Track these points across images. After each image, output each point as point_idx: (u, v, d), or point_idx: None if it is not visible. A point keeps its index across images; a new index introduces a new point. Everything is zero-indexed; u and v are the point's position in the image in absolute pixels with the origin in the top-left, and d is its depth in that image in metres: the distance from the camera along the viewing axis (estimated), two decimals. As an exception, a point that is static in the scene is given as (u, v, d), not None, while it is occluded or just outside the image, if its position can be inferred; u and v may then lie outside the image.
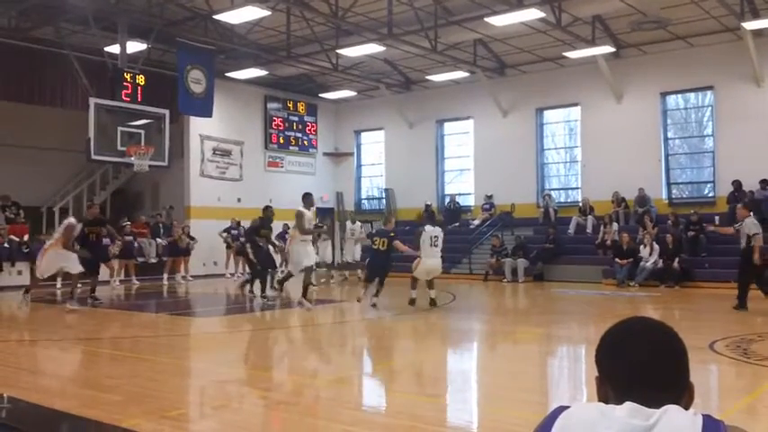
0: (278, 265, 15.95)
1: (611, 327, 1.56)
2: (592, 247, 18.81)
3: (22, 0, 15.92)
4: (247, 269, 18.93)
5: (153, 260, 19.57)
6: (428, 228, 12.83)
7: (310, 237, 12.63)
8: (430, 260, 12.52)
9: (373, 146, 26.26)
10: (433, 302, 12.56)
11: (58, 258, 12.59)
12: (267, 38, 19.41)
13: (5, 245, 17.49)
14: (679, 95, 20.03)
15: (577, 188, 21.63)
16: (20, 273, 17.51)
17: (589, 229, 19.69)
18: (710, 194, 19.35)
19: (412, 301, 12.63)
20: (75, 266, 12.66)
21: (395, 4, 16.42)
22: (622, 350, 1.50)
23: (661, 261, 16.61)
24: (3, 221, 18.20)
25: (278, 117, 24.25)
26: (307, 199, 12.64)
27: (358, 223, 19.75)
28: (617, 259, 17.22)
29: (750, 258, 11.59)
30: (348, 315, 13.11)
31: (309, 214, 12.51)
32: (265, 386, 6.77)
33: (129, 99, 17.76)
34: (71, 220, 13.20)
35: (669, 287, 16.05)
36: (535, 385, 6.95)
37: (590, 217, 19.84)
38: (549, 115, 22.30)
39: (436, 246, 12.57)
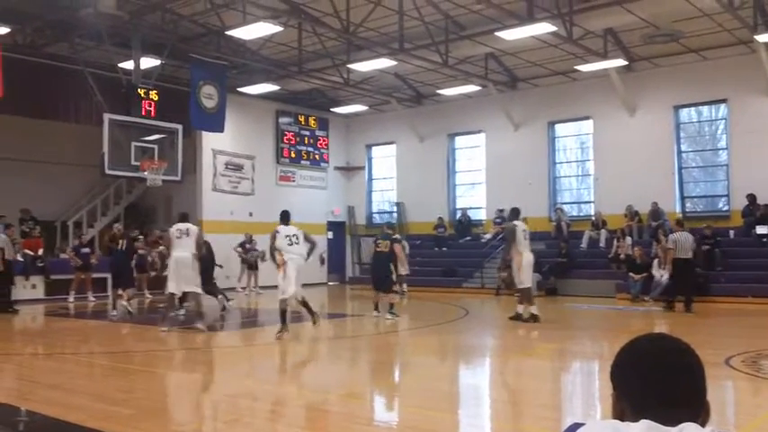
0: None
1: (626, 343, 1.54)
2: (605, 261, 18.70)
3: (38, 17, 16.10)
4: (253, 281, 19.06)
5: (166, 273, 19.59)
6: (519, 223, 12.83)
7: (295, 256, 11.38)
8: (528, 253, 12.57)
9: (384, 160, 26.30)
10: (535, 317, 12.37)
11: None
12: (279, 53, 19.53)
13: (20, 259, 17.58)
14: (692, 108, 19.94)
15: (590, 202, 21.53)
16: (34, 286, 17.62)
17: (602, 244, 19.58)
18: (725, 208, 19.21)
19: (519, 317, 12.47)
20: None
21: (406, 19, 16.49)
22: (639, 367, 1.48)
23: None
24: (18, 235, 18.32)
25: (289, 131, 24.35)
26: (283, 216, 11.83)
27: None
28: (631, 273, 17.09)
29: None
30: (361, 329, 13.08)
31: (284, 232, 11.44)
32: (277, 401, 6.75)
33: (142, 114, 17.92)
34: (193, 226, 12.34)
35: (681, 302, 15.80)
36: (549, 401, 6.89)
37: (603, 231, 19.73)
38: (560, 129, 22.26)
39: (527, 240, 12.69)
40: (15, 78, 15.45)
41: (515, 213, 13.22)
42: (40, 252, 18.12)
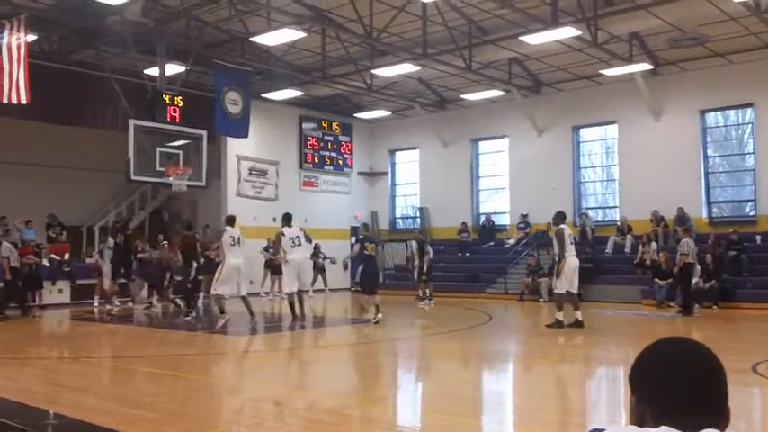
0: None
1: (646, 347, 1.51)
2: (630, 267, 18.51)
3: (65, 24, 16.35)
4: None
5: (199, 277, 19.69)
6: (565, 226, 12.58)
7: (298, 257, 13.04)
8: (573, 258, 12.32)
9: (408, 165, 26.30)
10: (579, 323, 12.12)
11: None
12: (302, 59, 19.63)
13: (46, 263, 17.83)
14: (718, 113, 19.69)
15: (615, 207, 21.33)
16: (60, 291, 17.85)
17: (627, 249, 19.38)
18: (752, 213, 18.94)
19: (561, 324, 12.12)
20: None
21: (429, 24, 16.50)
22: (659, 372, 1.45)
23: (702, 281, 16.22)
24: (44, 240, 18.62)
25: (313, 137, 24.45)
26: (286, 218, 13.32)
27: (414, 243, 19.63)
28: (656, 279, 16.90)
29: None
30: (383, 334, 13.07)
31: (289, 233, 13.01)
32: (300, 405, 6.76)
33: (167, 120, 18.11)
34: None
35: (707, 308, 15.61)
36: (572, 407, 6.83)
37: (628, 236, 19.53)
38: (585, 133, 22.10)
39: (572, 244, 12.47)
40: (42, 85, 15.63)
41: (561, 217, 12.81)
42: (67, 257, 18.34)
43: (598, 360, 9.85)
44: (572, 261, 12.25)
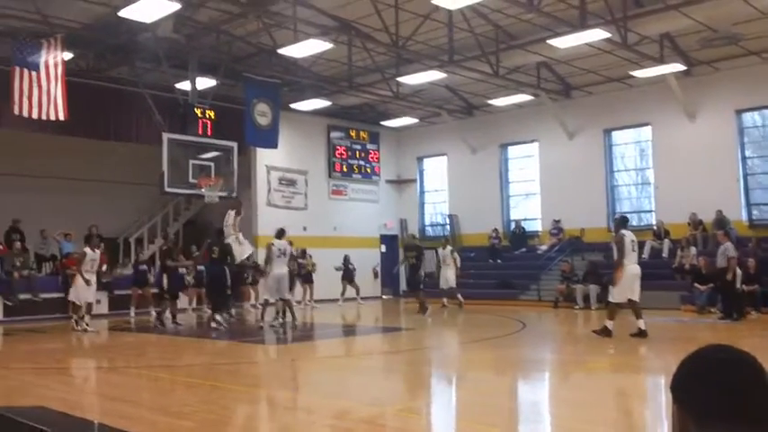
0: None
1: (690, 354, 1.48)
2: (668, 272, 18.17)
3: (99, 42, 16.67)
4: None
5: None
6: (627, 232, 11.99)
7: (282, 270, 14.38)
8: (634, 266, 11.76)
9: (436, 172, 26.26)
10: (642, 333, 11.60)
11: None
12: (329, 69, 19.75)
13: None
14: (756, 112, 19.31)
15: (651, 211, 21.02)
16: (98, 302, 18.08)
17: (665, 254, 19.03)
18: (793, 215, 18.53)
19: (608, 332, 11.71)
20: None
21: (455, 31, 16.48)
22: (704, 379, 1.42)
23: (743, 286, 15.85)
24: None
25: (341, 146, 24.56)
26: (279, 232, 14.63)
27: (449, 248, 19.57)
28: (696, 284, 16.58)
29: None
30: (415, 343, 13.03)
31: (278, 245, 14.32)
32: (333, 414, 6.76)
33: (199, 133, 18.35)
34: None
35: (746, 313, 15.26)
36: (610, 417, 6.72)
37: (666, 241, 19.18)
38: (618, 136, 21.85)
39: (635, 251, 11.97)
40: (79, 101, 15.97)
41: (623, 222, 12.32)
42: (104, 268, 18.60)
43: (637, 368, 9.70)
44: (632, 269, 11.65)
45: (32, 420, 3.06)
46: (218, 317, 14.22)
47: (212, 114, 18.73)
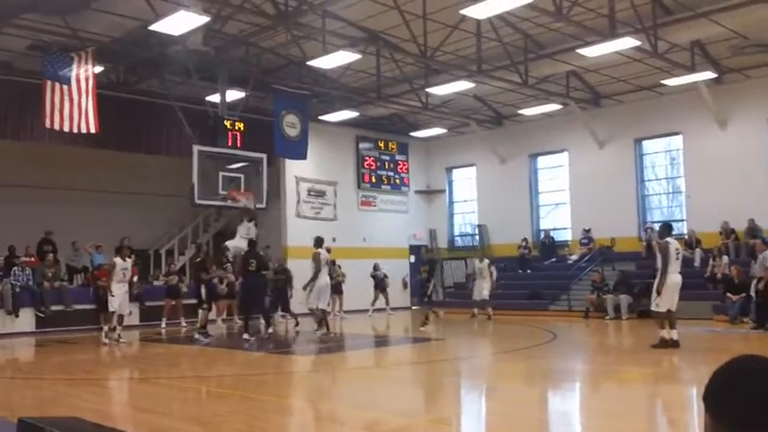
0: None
1: (724, 364, 1.46)
2: (700, 281, 17.88)
3: (130, 55, 16.93)
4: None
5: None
6: (672, 240, 11.64)
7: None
8: (676, 275, 11.37)
9: (465, 182, 26.20)
10: (675, 343, 11.22)
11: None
12: (358, 80, 19.84)
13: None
14: (788, 120, 19.00)
15: (682, 220, 20.75)
16: (130, 313, 18.28)
17: (697, 263, 18.76)
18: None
19: (666, 343, 11.23)
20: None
21: (483, 41, 16.48)
22: (739, 390, 1.40)
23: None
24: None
25: (370, 157, 24.62)
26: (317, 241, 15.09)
27: (486, 261, 19.62)
28: (728, 294, 16.30)
29: None
30: (445, 353, 12.97)
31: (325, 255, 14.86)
32: (363, 425, 6.75)
33: (229, 145, 18.52)
34: None
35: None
36: (642, 427, 6.62)
37: (697, 250, 18.91)
38: (648, 145, 21.63)
39: (678, 259, 11.55)
40: (110, 115, 16.19)
41: (668, 229, 11.91)
42: (135, 279, 18.82)
43: (669, 379, 9.55)
44: (674, 278, 11.28)
45: (67, 431, 3.09)
46: (246, 335, 14.21)
47: (242, 126, 18.91)
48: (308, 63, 16.98)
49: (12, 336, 15.90)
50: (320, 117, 21.35)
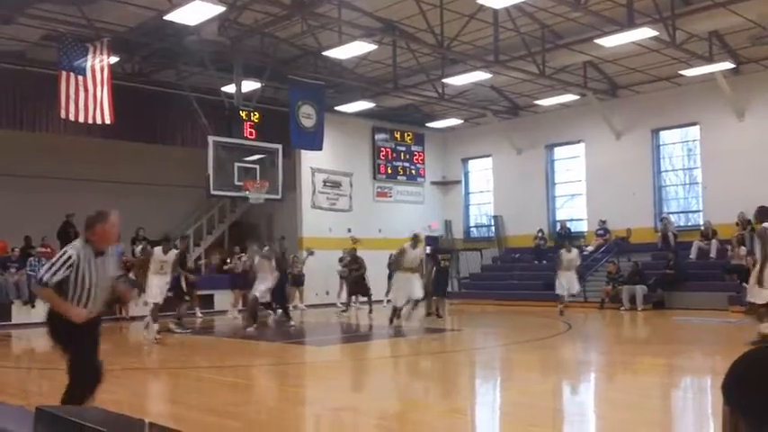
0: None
1: (743, 354, 1.45)
2: (716, 272, 17.80)
3: (145, 46, 16.99)
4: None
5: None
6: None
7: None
8: None
9: (481, 173, 26.12)
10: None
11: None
12: (374, 71, 19.79)
13: (132, 276, 18.47)
14: (808, 110, 18.77)
15: (699, 211, 20.60)
16: (145, 304, 18.40)
17: (713, 254, 18.64)
18: None
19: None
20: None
21: (501, 31, 16.37)
22: (759, 380, 1.39)
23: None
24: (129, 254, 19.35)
25: (386, 148, 24.58)
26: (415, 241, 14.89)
27: (575, 251, 17.65)
28: (745, 284, 16.16)
29: None
30: (460, 344, 12.98)
31: (413, 253, 14.54)
32: (379, 415, 6.77)
33: (244, 136, 18.56)
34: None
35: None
36: (657, 419, 6.60)
37: (714, 241, 18.78)
38: (665, 136, 21.45)
39: None
40: (125, 105, 16.22)
41: (765, 213, 10.95)
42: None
43: (684, 370, 9.51)
44: None
45: (86, 420, 3.12)
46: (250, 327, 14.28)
47: (257, 117, 18.94)
48: (323, 53, 16.95)
49: (28, 326, 16.07)
50: (336, 108, 21.33)
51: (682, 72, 18.41)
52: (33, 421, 3.50)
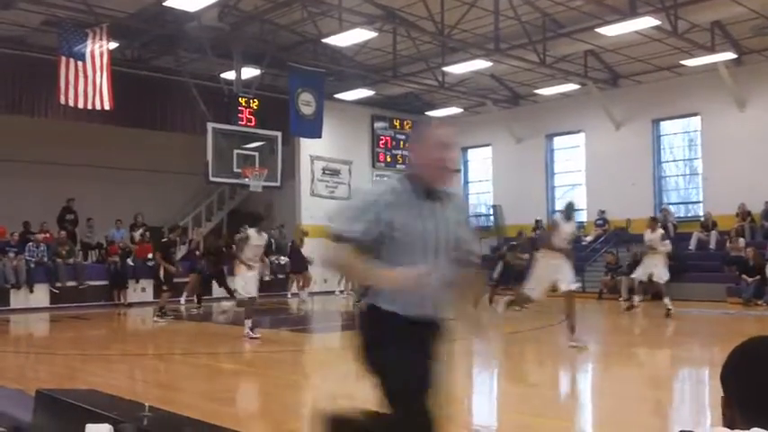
0: None
1: (739, 345, 1.45)
2: (715, 264, 17.81)
3: (144, 32, 16.91)
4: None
5: (267, 278, 20.04)
6: None
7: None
8: None
9: (480, 162, 26.08)
10: None
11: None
12: (374, 58, 19.72)
13: (131, 263, 18.51)
14: (809, 102, 18.73)
15: (699, 202, 20.59)
16: (144, 290, 18.45)
17: (712, 245, 18.65)
18: None
19: None
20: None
21: (501, 19, 16.30)
22: (753, 371, 1.39)
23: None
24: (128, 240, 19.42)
25: (385, 136, 24.54)
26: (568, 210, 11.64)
27: (660, 231, 15.26)
28: (743, 276, 16.21)
29: None
30: (459, 333, 12.98)
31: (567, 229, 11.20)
32: (376, 402, 6.78)
33: (244, 123, 18.51)
34: None
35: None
36: (655, 409, 6.62)
37: (713, 232, 18.78)
38: (666, 126, 21.41)
39: None
40: (124, 91, 16.17)
41: None
42: (150, 256, 18.97)
43: (682, 360, 9.53)
44: None
45: (86, 403, 3.12)
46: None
47: (256, 104, 18.88)
48: (323, 40, 16.88)
49: (27, 311, 16.09)
50: (335, 95, 21.27)
51: (683, 62, 18.35)
52: (33, 404, 3.49)
